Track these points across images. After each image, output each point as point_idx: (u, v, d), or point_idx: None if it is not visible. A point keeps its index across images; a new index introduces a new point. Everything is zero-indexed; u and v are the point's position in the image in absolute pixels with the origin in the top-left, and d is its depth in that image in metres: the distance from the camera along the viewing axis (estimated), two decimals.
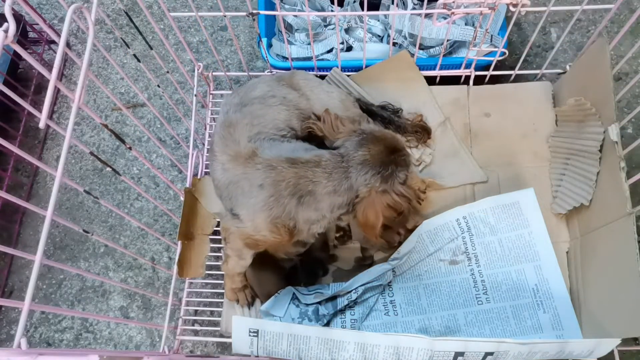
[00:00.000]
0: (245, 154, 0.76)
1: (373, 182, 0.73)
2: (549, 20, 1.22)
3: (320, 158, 0.74)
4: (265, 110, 0.82)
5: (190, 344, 0.99)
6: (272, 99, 0.84)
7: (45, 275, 1.06)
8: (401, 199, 0.75)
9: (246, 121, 0.80)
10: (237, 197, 0.76)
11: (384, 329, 0.86)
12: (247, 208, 0.75)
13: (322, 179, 0.72)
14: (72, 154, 1.16)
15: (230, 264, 0.83)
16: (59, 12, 1.30)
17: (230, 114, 0.82)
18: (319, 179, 0.72)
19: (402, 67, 1.03)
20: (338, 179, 0.73)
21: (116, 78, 1.23)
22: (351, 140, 0.77)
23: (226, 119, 0.82)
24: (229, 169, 0.77)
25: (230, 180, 0.77)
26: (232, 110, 0.83)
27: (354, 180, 0.73)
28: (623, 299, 0.75)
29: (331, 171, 0.73)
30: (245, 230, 0.76)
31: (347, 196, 0.74)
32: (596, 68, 0.86)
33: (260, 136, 0.79)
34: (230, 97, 0.88)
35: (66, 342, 1.01)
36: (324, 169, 0.73)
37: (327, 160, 0.74)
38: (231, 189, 0.77)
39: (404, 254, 0.86)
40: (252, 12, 0.86)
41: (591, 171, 0.85)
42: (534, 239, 0.89)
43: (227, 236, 0.79)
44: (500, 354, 0.69)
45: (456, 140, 1.00)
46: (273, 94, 0.85)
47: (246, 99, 0.84)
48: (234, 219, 0.77)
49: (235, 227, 0.77)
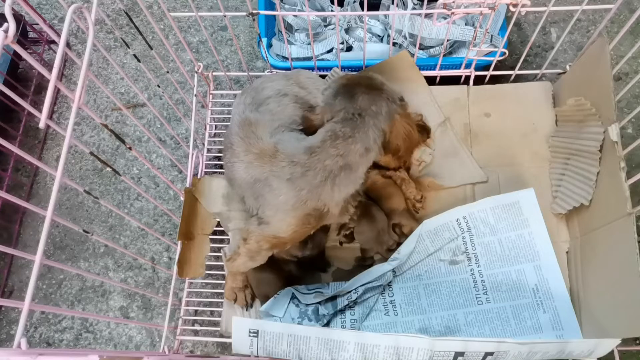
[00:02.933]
0: (269, 151, 0.75)
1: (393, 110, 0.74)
2: (549, 20, 1.22)
3: (334, 131, 0.72)
4: (283, 108, 0.82)
5: (190, 344, 0.99)
6: (286, 97, 0.84)
7: (45, 275, 1.06)
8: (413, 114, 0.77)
9: (267, 118, 0.80)
10: (265, 195, 0.75)
11: (384, 329, 0.86)
12: (276, 207, 0.74)
13: (350, 146, 0.71)
14: (72, 154, 1.16)
15: (237, 262, 0.82)
16: (59, 12, 1.30)
17: (248, 114, 0.82)
18: (348, 148, 0.71)
19: (402, 67, 1.03)
20: (364, 135, 0.72)
21: (116, 78, 1.23)
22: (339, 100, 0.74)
23: (244, 119, 0.81)
24: (256, 167, 0.76)
25: (257, 179, 0.76)
26: (249, 110, 0.82)
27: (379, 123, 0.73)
28: (623, 299, 0.75)
29: (353, 133, 0.71)
30: (271, 231, 0.75)
31: (377, 144, 0.73)
32: (596, 68, 0.86)
33: (279, 129, 0.79)
34: (241, 97, 0.88)
35: (66, 342, 1.01)
36: (344, 137, 0.71)
37: (341, 128, 0.72)
38: (257, 188, 0.76)
39: (404, 254, 0.86)
40: (252, 12, 0.86)
41: (591, 171, 0.85)
42: (534, 239, 0.89)
43: (248, 237, 0.78)
44: (500, 354, 0.69)
45: (456, 140, 1.00)
46: (285, 93, 0.85)
47: (259, 99, 0.84)
48: (260, 222, 0.77)
49: (261, 229, 0.76)
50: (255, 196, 0.77)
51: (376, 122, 0.73)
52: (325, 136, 0.72)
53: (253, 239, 0.78)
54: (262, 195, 0.76)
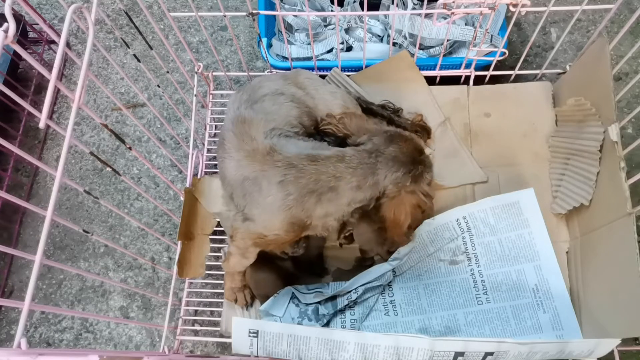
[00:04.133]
0: (262, 151, 0.75)
1: (404, 181, 0.73)
2: (549, 20, 1.22)
3: (344, 154, 0.73)
4: (277, 107, 0.82)
5: (190, 344, 0.99)
6: (282, 96, 0.84)
7: (45, 275, 1.06)
8: (427, 199, 0.75)
9: (260, 117, 0.79)
10: (253, 194, 0.75)
11: (384, 329, 0.86)
12: (263, 207, 0.74)
13: (345, 174, 0.71)
14: (72, 154, 1.16)
15: (232, 262, 0.83)
16: (59, 12, 1.30)
17: (242, 110, 0.81)
18: (343, 174, 0.71)
19: (402, 67, 1.03)
20: (363, 175, 0.72)
21: (116, 78, 1.23)
22: (379, 137, 0.75)
23: (238, 116, 0.81)
24: (246, 165, 0.76)
25: (246, 177, 0.75)
26: (244, 107, 0.82)
27: (382, 177, 0.72)
28: (623, 299, 0.75)
29: (356, 166, 0.72)
30: (256, 229, 0.75)
31: (371, 192, 0.73)
32: (596, 68, 0.86)
33: (275, 132, 0.78)
34: (237, 94, 0.87)
35: (66, 342, 1.01)
36: (347, 164, 0.72)
37: (352, 155, 0.73)
38: (246, 186, 0.75)
39: (404, 254, 0.86)
40: (252, 12, 0.86)
41: (591, 171, 0.85)
42: (534, 239, 0.89)
43: (234, 234, 0.79)
44: (500, 354, 0.69)
45: (456, 140, 1.00)
46: (282, 92, 0.84)
47: (255, 97, 0.83)
48: (245, 218, 0.76)
49: (246, 226, 0.76)
50: (244, 194, 0.77)
51: (381, 175, 0.72)
52: (334, 154, 0.73)
53: (239, 236, 0.78)
54: (250, 194, 0.75)
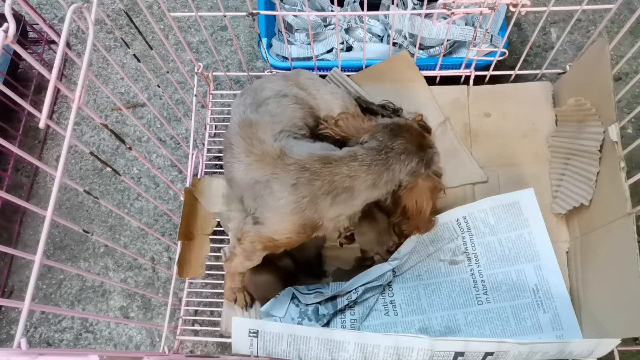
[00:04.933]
0: (273, 154, 0.75)
1: (419, 169, 0.73)
2: (549, 20, 1.22)
3: (355, 153, 0.73)
4: (282, 109, 0.82)
5: (190, 344, 0.99)
6: (285, 98, 0.84)
7: (45, 275, 1.06)
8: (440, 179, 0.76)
9: (267, 120, 0.79)
10: (264, 197, 0.75)
11: (384, 329, 0.86)
12: (275, 210, 0.74)
13: (360, 173, 0.71)
14: (72, 154, 1.16)
15: (234, 262, 0.82)
16: (59, 12, 1.30)
17: (248, 114, 0.81)
18: (357, 173, 0.71)
19: (402, 67, 1.03)
20: (378, 172, 0.72)
21: (116, 78, 1.23)
22: (382, 133, 0.75)
23: (244, 119, 0.81)
24: (256, 168, 0.75)
25: (257, 180, 0.75)
26: (249, 110, 0.82)
27: (397, 172, 0.73)
28: (623, 299, 0.75)
29: (370, 164, 0.72)
30: (266, 232, 0.75)
31: (387, 188, 0.73)
32: (596, 68, 0.86)
33: (283, 134, 0.78)
34: (240, 98, 0.87)
35: (66, 342, 1.01)
36: (361, 163, 0.72)
37: (363, 154, 0.73)
38: (257, 189, 0.75)
39: (404, 254, 0.86)
40: (252, 12, 0.86)
41: (591, 171, 0.85)
42: (534, 239, 0.89)
43: (242, 237, 0.79)
44: (500, 354, 0.69)
45: (456, 140, 1.00)
46: (285, 94, 0.85)
47: (259, 99, 0.83)
48: (255, 221, 0.76)
49: (256, 230, 0.76)
50: (255, 197, 0.77)
51: (396, 170, 0.73)
52: (346, 154, 0.73)
53: (247, 240, 0.78)
54: (261, 197, 0.75)
